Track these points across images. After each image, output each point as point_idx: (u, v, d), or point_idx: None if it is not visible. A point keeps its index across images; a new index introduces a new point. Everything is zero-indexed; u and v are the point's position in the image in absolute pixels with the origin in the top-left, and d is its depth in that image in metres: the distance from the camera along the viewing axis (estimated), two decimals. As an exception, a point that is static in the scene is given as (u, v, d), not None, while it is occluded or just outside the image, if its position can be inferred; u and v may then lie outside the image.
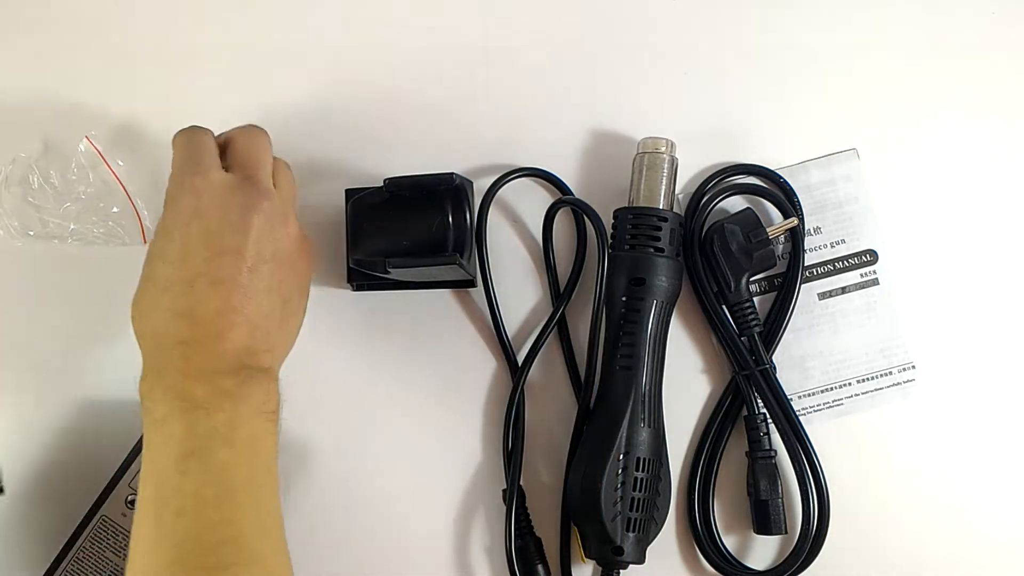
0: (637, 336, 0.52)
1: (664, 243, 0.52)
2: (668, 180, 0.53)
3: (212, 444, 0.42)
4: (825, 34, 0.59)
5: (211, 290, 0.44)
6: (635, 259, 0.52)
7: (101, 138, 0.58)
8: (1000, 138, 0.58)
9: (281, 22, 0.61)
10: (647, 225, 0.52)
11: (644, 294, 0.52)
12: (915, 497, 0.56)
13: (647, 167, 0.53)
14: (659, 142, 0.54)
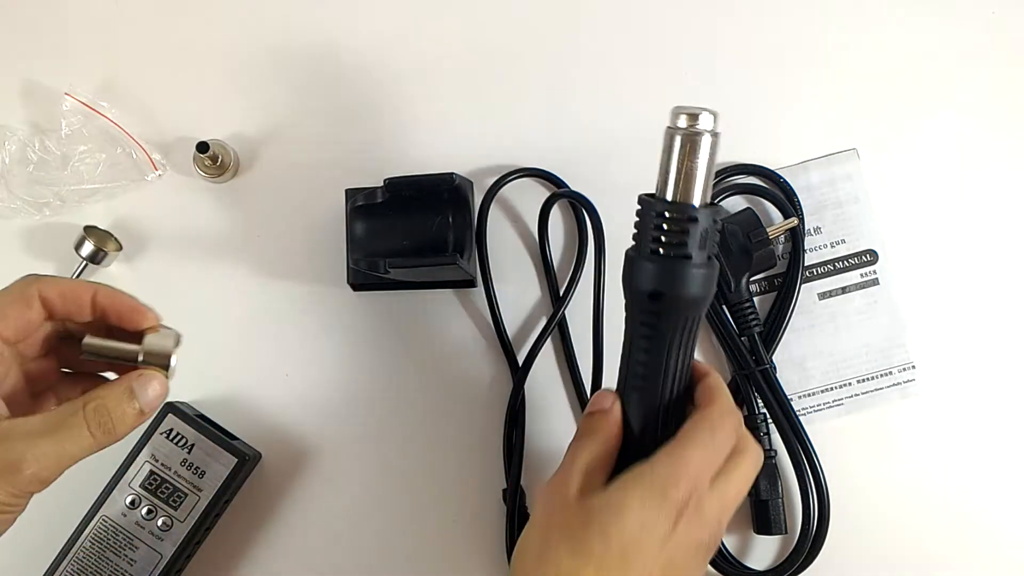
0: (654, 355, 0.42)
1: (694, 247, 0.40)
2: (706, 167, 0.40)
3: None
4: (825, 34, 0.59)
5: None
6: (657, 268, 0.40)
7: (80, 91, 0.58)
8: (1000, 138, 0.58)
9: (281, 23, 0.61)
10: (675, 226, 0.40)
11: (666, 309, 0.41)
12: (915, 497, 0.56)
13: (680, 149, 0.41)
14: (698, 115, 0.40)
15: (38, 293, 0.40)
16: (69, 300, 0.41)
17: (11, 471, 0.35)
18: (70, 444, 0.37)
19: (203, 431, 0.54)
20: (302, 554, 0.57)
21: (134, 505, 0.53)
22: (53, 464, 0.36)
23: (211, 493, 0.53)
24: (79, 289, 0.41)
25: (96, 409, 0.38)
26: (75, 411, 0.37)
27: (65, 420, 0.37)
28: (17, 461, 0.35)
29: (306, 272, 0.58)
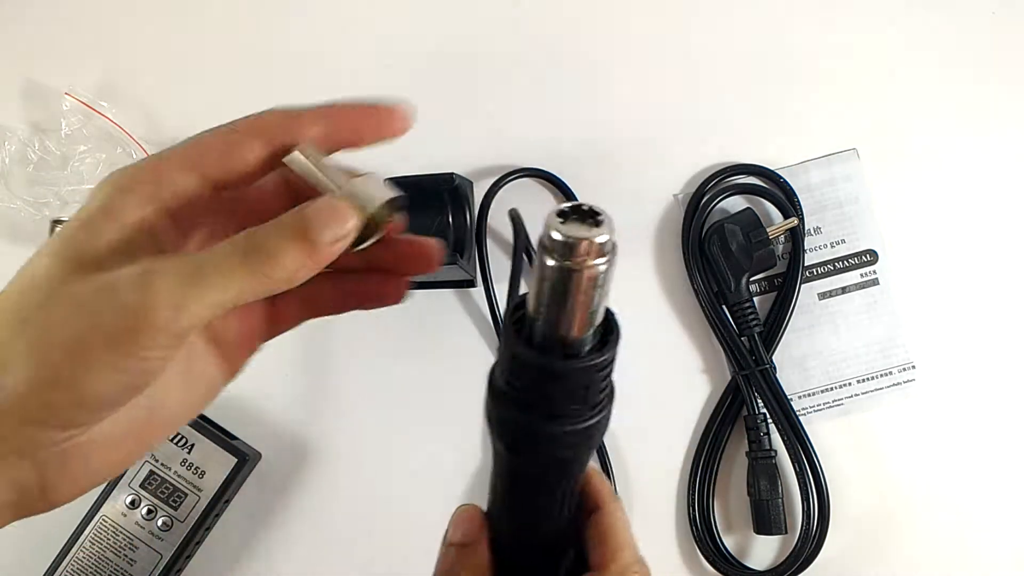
0: (520, 501, 0.34)
1: (559, 404, 0.29)
2: (595, 301, 0.27)
3: None
4: (825, 34, 0.59)
5: None
6: (510, 416, 0.30)
7: (80, 91, 0.58)
8: (1000, 138, 0.58)
9: (280, 23, 0.61)
10: (537, 381, 0.29)
11: (526, 464, 0.32)
12: (915, 496, 0.56)
13: (569, 284, 0.27)
14: (594, 246, 0.26)
15: (257, 127, 0.31)
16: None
17: (132, 291, 0.26)
18: (216, 280, 0.27)
19: (203, 431, 0.54)
20: (302, 554, 0.57)
21: (134, 505, 0.53)
22: (187, 292, 0.26)
23: (211, 493, 0.53)
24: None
25: (248, 237, 0.27)
26: (229, 242, 0.28)
27: (215, 251, 0.27)
28: (140, 281, 0.26)
29: (306, 272, 0.58)
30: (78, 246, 0.27)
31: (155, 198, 0.29)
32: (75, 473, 0.29)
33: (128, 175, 0.29)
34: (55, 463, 0.28)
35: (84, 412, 0.27)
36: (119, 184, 0.29)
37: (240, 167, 0.30)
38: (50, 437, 0.27)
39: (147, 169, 0.29)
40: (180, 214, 0.30)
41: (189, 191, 0.30)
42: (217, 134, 0.31)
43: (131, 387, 0.27)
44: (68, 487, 0.29)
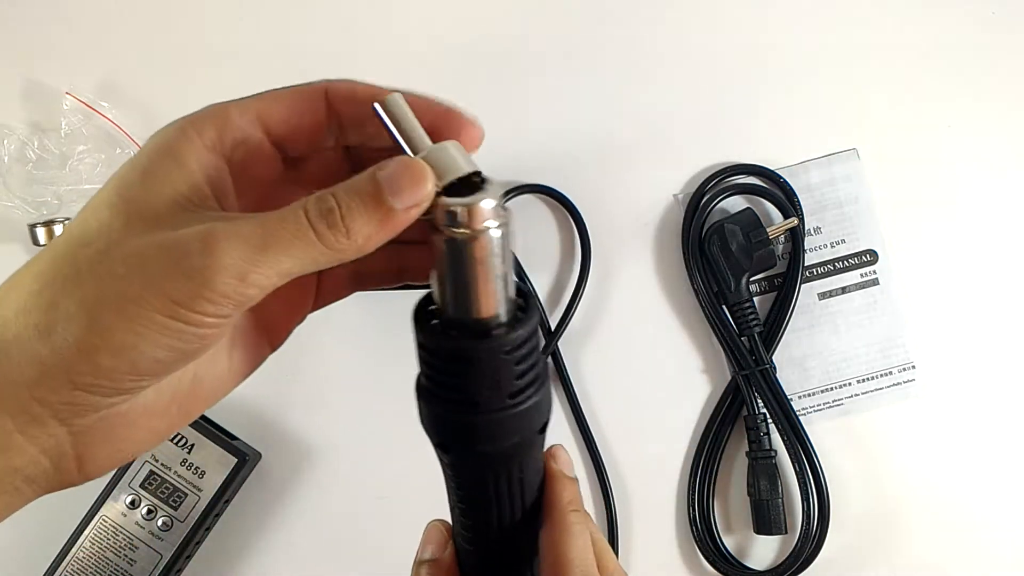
0: (473, 510, 0.32)
1: (477, 389, 0.28)
2: (492, 273, 0.27)
3: None
4: (825, 34, 0.59)
5: None
6: (434, 413, 0.30)
7: (81, 91, 0.58)
8: (1000, 137, 0.58)
9: (280, 23, 0.61)
10: (446, 368, 0.29)
11: (462, 463, 0.31)
12: (915, 496, 0.56)
13: (460, 257, 0.27)
14: (476, 211, 0.26)
15: (325, 94, 0.30)
16: (360, 106, 0.29)
17: (195, 255, 0.24)
18: (285, 239, 0.25)
19: (203, 431, 0.54)
20: (302, 554, 0.57)
21: (134, 505, 0.53)
22: (255, 257, 0.24)
23: (211, 493, 0.53)
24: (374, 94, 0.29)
25: (321, 199, 0.25)
26: (296, 203, 0.25)
27: (283, 215, 0.25)
28: (206, 243, 0.24)
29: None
30: (137, 196, 0.25)
31: (219, 147, 0.27)
32: (114, 443, 0.27)
33: (191, 120, 0.27)
34: (95, 431, 0.26)
35: (133, 378, 0.25)
36: (182, 129, 0.27)
37: (306, 126, 0.29)
38: (94, 403, 0.25)
39: (211, 115, 0.28)
40: (243, 169, 0.28)
41: (253, 144, 0.28)
42: (286, 89, 0.29)
43: (185, 354, 0.25)
44: (105, 458, 0.27)
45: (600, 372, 0.57)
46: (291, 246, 0.25)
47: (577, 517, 0.32)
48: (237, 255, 0.24)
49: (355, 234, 0.26)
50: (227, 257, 0.24)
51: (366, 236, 0.26)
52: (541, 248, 0.58)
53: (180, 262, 0.24)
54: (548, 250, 0.58)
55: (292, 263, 0.25)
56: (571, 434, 0.57)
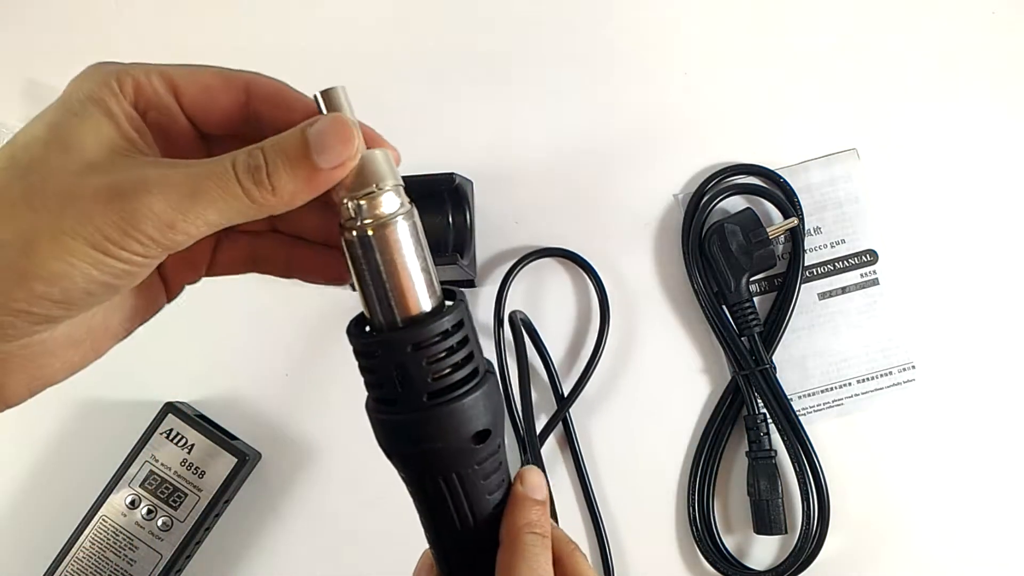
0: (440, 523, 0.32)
1: (391, 385, 0.29)
2: (417, 256, 0.29)
3: None
4: (825, 34, 0.59)
5: None
6: (374, 422, 0.30)
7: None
8: (1000, 138, 0.58)
9: (280, 23, 0.61)
10: (365, 363, 0.29)
11: (412, 471, 0.31)
12: (915, 497, 0.56)
13: (378, 252, 0.28)
14: (381, 197, 0.28)
15: (247, 85, 0.30)
16: (278, 105, 0.30)
17: (128, 197, 0.25)
18: (212, 192, 0.26)
19: (203, 431, 0.54)
20: (302, 554, 0.57)
21: (134, 505, 0.53)
22: (183, 204, 0.25)
23: (211, 493, 0.53)
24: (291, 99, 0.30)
25: (250, 152, 0.26)
26: (226, 155, 0.27)
27: (212, 169, 0.26)
28: (137, 186, 0.25)
29: (306, 272, 0.58)
30: (70, 138, 0.26)
31: (135, 103, 0.28)
32: (32, 371, 0.28)
33: (112, 71, 0.28)
34: (16, 359, 0.27)
35: (63, 307, 0.26)
36: (105, 80, 0.28)
37: (218, 109, 0.30)
38: (22, 329, 0.26)
39: (129, 71, 0.28)
40: (158, 130, 0.29)
41: (165, 109, 0.29)
42: (208, 69, 0.30)
43: (111, 288, 0.27)
44: (24, 385, 0.28)
45: (600, 372, 0.57)
46: (218, 199, 0.26)
47: (533, 540, 0.32)
48: (167, 203, 0.25)
49: (280, 191, 0.27)
50: (157, 204, 0.25)
51: (291, 193, 0.27)
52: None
53: (113, 202, 0.25)
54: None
55: (219, 216, 0.26)
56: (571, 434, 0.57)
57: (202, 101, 0.30)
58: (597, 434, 0.57)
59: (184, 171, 0.26)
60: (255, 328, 0.58)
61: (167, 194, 0.25)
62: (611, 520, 0.56)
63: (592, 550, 0.56)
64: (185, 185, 0.26)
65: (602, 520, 0.56)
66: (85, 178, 0.26)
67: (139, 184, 0.25)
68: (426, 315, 0.28)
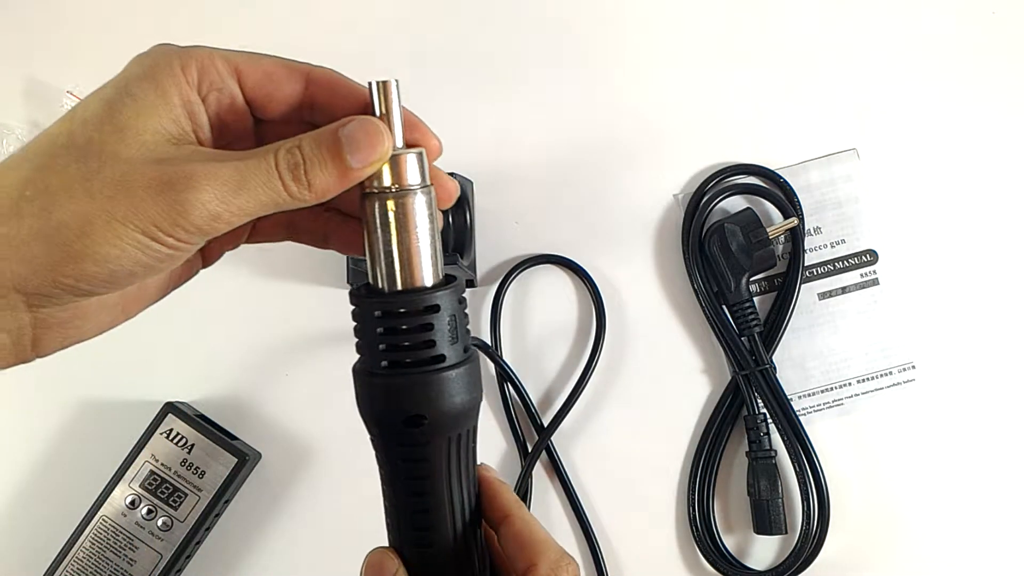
0: (432, 496, 0.33)
1: (444, 345, 0.30)
2: (429, 233, 0.31)
3: None
4: (825, 34, 0.59)
5: None
6: (405, 384, 0.30)
7: (81, 90, 0.58)
8: (1000, 138, 0.58)
9: (280, 23, 0.61)
10: (410, 327, 0.30)
11: (430, 434, 0.31)
12: (915, 497, 0.56)
13: (393, 220, 0.30)
14: (403, 165, 0.30)
15: (307, 73, 0.32)
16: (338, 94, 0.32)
17: (178, 189, 0.27)
18: (256, 186, 0.28)
19: (203, 431, 0.54)
20: (302, 554, 0.57)
21: (134, 505, 0.53)
22: (229, 198, 0.27)
23: (211, 493, 0.53)
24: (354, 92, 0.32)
25: (290, 150, 0.29)
26: (268, 149, 0.29)
27: (254, 154, 0.28)
28: (187, 180, 0.27)
29: (306, 272, 0.58)
30: (126, 123, 0.28)
31: (198, 87, 0.30)
32: (67, 330, 0.30)
33: (177, 54, 0.29)
34: (54, 318, 0.29)
35: (107, 284, 0.28)
36: (169, 63, 0.29)
37: (280, 96, 0.32)
38: (67, 299, 0.28)
39: (196, 55, 0.30)
40: (215, 114, 0.31)
41: (227, 94, 0.31)
42: (270, 57, 0.32)
43: (153, 269, 0.28)
44: (57, 341, 0.30)
45: (600, 373, 0.57)
46: (260, 193, 0.28)
47: (527, 510, 0.35)
48: (214, 194, 0.27)
49: (315, 187, 0.29)
50: (205, 194, 0.27)
51: (324, 188, 0.29)
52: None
53: (164, 193, 0.27)
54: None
55: (259, 207, 0.28)
56: (570, 435, 0.57)
57: (264, 86, 0.31)
58: (597, 434, 0.57)
59: (231, 165, 0.28)
60: (255, 328, 0.58)
61: (215, 187, 0.27)
62: (611, 519, 0.56)
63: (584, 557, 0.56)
64: (232, 180, 0.28)
65: (591, 526, 0.56)
66: (138, 166, 0.27)
67: (189, 177, 0.27)
68: (416, 288, 0.30)
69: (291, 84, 0.32)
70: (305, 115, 0.32)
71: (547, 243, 0.58)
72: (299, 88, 0.32)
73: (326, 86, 0.32)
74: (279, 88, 0.32)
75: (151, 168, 0.27)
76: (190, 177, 0.27)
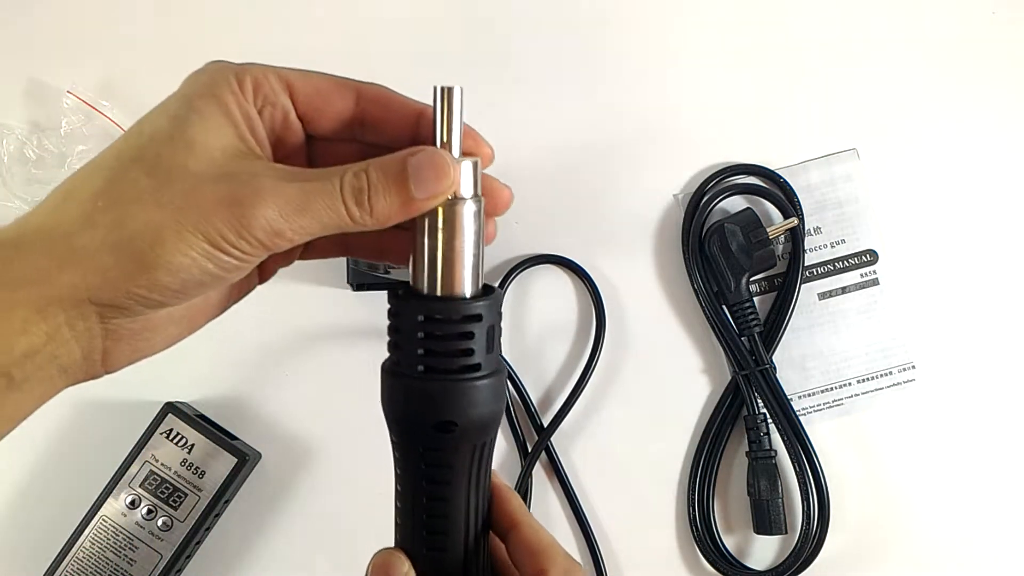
0: (451, 501, 0.33)
1: (480, 355, 0.31)
2: (474, 244, 0.31)
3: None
4: (825, 34, 0.59)
5: None
6: (439, 390, 0.31)
7: (82, 90, 0.58)
8: (1000, 138, 0.58)
9: (280, 23, 0.61)
10: (452, 334, 0.31)
11: (457, 440, 0.31)
12: (915, 497, 0.56)
13: (442, 227, 0.31)
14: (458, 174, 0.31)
15: (357, 90, 0.33)
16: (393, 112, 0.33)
17: (245, 205, 0.27)
18: (319, 208, 0.28)
19: (203, 431, 0.54)
20: (302, 554, 0.57)
21: (134, 505, 0.53)
22: (292, 216, 0.28)
23: (211, 493, 0.53)
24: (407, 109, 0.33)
25: (356, 174, 0.29)
26: (334, 172, 0.29)
27: (320, 175, 0.29)
28: (254, 196, 0.28)
29: (306, 272, 0.58)
30: (194, 137, 0.29)
31: (253, 101, 0.31)
32: (136, 343, 0.30)
33: (234, 71, 0.30)
34: (124, 331, 0.29)
35: (178, 294, 0.29)
36: (226, 78, 0.30)
37: (331, 112, 0.32)
38: (138, 310, 0.29)
39: (251, 71, 0.31)
40: (269, 128, 0.31)
41: (280, 109, 0.31)
42: (321, 74, 0.33)
43: (220, 280, 0.29)
44: (126, 355, 0.31)
45: (600, 372, 0.57)
46: (323, 215, 0.29)
47: (534, 518, 0.35)
48: (278, 212, 0.28)
49: (377, 214, 0.29)
50: (270, 211, 0.28)
51: (386, 216, 0.30)
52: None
53: (231, 207, 0.28)
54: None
55: (320, 228, 0.29)
56: (570, 435, 0.57)
57: (316, 102, 0.32)
58: (597, 434, 0.57)
59: (297, 185, 0.29)
60: (255, 328, 0.58)
61: (280, 205, 0.28)
62: (611, 519, 0.56)
63: (583, 557, 0.56)
64: (297, 199, 0.28)
65: (591, 527, 0.56)
66: (206, 179, 0.28)
67: (256, 194, 0.28)
68: (458, 296, 0.31)
69: (342, 100, 0.32)
70: (356, 131, 0.33)
71: (547, 243, 0.58)
72: (350, 104, 0.33)
73: (377, 102, 0.33)
74: (330, 104, 0.32)
75: (219, 182, 0.28)
76: (256, 193, 0.28)
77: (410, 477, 0.33)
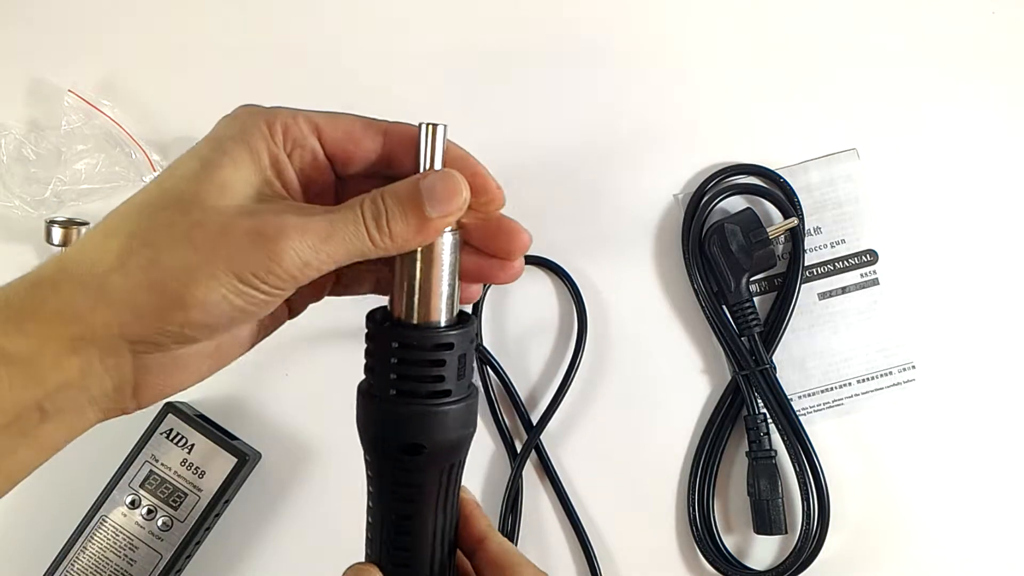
0: (417, 519, 0.34)
1: (451, 381, 0.32)
2: (451, 273, 0.33)
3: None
4: (825, 34, 0.59)
5: None
6: (409, 413, 0.32)
7: (82, 89, 0.58)
8: (1000, 138, 0.58)
9: (282, 23, 0.61)
10: (423, 360, 0.32)
11: (425, 462, 0.33)
12: (915, 497, 0.56)
13: (420, 257, 0.32)
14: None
15: (385, 130, 0.34)
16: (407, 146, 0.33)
17: (274, 239, 0.29)
18: (344, 236, 0.30)
19: (203, 431, 0.54)
20: (302, 554, 0.57)
21: (134, 505, 0.53)
22: (319, 246, 0.29)
23: (211, 493, 0.53)
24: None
25: (373, 199, 0.31)
26: (355, 201, 0.31)
27: (345, 215, 0.30)
28: (281, 230, 0.29)
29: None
30: (224, 179, 0.30)
31: (283, 145, 0.32)
32: (166, 378, 0.32)
33: (263, 115, 0.32)
34: (155, 365, 0.31)
35: (209, 330, 0.30)
36: (256, 123, 0.31)
37: (359, 153, 0.33)
38: (169, 345, 0.30)
39: (280, 115, 0.32)
40: (299, 169, 0.33)
41: (308, 151, 0.33)
42: (349, 116, 0.34)
43: (250, 314, 0.30)
44: (157, 389, 0.32)
45: (599, 373, 0.57)
46: (348, 240, 0.30)
47: (498, 533, 0.36)
48: (305, 244, 0.29)
49: (395, 236, 0.31)
50: (297, 243, 0.29)
51: (404, 238, 0.31)
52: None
53: (261, 244, 0.29)
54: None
55: (345, 254, 0.30)
56: (567, 436, 0.57)
57: (343, 144, 0.33)
58: (597, 435, 0.57)
59: (321, 217, 0.30)
60: (255, 328, 0.58)
61: (306, 237, 0.29)
62: (611, 520, 0.56)
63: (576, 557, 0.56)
64: (323, 229, 0.30)
65: (583, 527, 0.56)
66: (236, 219, 0.29)
67: (282, 228, 0.29)
68: (433, 324, 0.32)
69: (369, 140, 0.33)
70: (384, 170, 0.34)
71: (547, 243, 0.58)
72: (377, 144, 0.34)
73: (404, 141, 0.34)
74: (358, 145, 0.33)
75: (247, 220, 0.29)
76: (283, 227, 0.29)
77: (380, 494, 0.34)
